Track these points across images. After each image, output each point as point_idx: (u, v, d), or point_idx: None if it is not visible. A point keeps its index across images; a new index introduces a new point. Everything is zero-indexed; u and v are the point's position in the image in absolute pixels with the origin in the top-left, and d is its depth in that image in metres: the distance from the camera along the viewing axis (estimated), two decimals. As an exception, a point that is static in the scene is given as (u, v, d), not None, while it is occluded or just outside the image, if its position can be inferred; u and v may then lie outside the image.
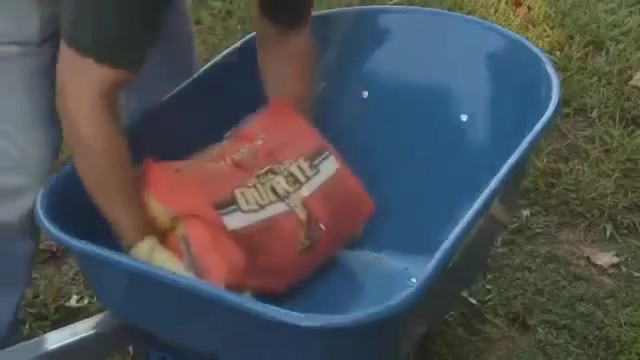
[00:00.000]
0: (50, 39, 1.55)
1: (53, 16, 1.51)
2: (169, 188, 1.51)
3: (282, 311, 1.22)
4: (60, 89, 1.44)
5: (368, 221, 1.76)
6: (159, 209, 1.50)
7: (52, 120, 1.56)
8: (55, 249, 2.18)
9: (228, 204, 1.51)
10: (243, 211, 1.53)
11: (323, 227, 1.62)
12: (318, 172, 1.66)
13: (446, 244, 1.30)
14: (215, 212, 1.49)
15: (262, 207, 1.55)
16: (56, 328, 1.76)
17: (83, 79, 1.40)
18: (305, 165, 1.65)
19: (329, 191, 1.66)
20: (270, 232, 1.55)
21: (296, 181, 1.63)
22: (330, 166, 1.68)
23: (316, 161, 1.67)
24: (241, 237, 1.50)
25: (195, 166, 1.58)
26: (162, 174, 1.52)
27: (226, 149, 1.65)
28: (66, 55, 1.41)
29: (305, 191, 1.62)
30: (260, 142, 1.66)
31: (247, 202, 1.54)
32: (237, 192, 1.54)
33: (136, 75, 1.43)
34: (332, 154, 1.69)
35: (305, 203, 1.61)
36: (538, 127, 1.50)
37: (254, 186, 1.57)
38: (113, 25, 1.38)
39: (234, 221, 1.51)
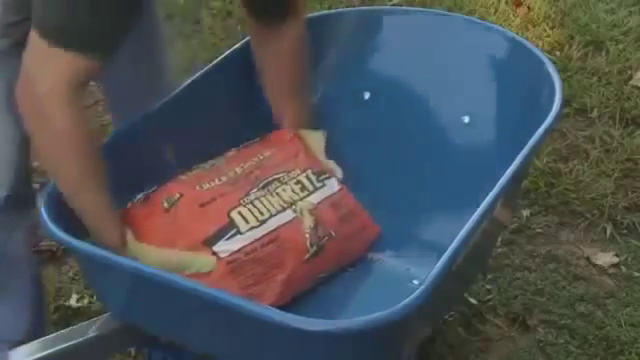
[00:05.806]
0: (10, 27, 1.55)
1: (17, 3, 1.52)
2: (158, 235, 1.51)
3: (288, 315, 1.21)
4: (26, 78, 1.38)
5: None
6: (151, 257, 1.50)
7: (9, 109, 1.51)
8: (55, 249, 2.18)
9: (225, 231, 1.51)
10: (242, 232, 1.52)
11: (333, 233, 1.63)
12: (324, 185, 1.66)
13: (451, 248, 1.29)
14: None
15: (263, 222, 1.54)
16: (56, 328, 1.76)
17: (52, 67, 1.34)
18: (313, 177, 1.66)
19: (337, 202, 1.66)
20: (275, 244, 1.54)
21: (304, 188, 1.63)
22: (334, 184, 1.69)
23: (322, 177, 1.68)
24: (242, 258, 1.50)
25: (188, 193, 1.55)
26: (150, 219, 1.52)
27: (227, 163, 1.65)
28: (35, 43, 1.36)
29: (314, 198, 1.63)
30: (268, 154, 1.68)
31: (246, 221, 1.53)
32: (234, 214, 1.53)
33: (106, 65, 1.39)
34: (333, 177, 1.70)
35: (313, 209, 1.61)
36: (541, 130, 1.49)
37: (251, 202, 1.56)
38: (82, 11, 1.33)
39: (232, 245, 1.50)
